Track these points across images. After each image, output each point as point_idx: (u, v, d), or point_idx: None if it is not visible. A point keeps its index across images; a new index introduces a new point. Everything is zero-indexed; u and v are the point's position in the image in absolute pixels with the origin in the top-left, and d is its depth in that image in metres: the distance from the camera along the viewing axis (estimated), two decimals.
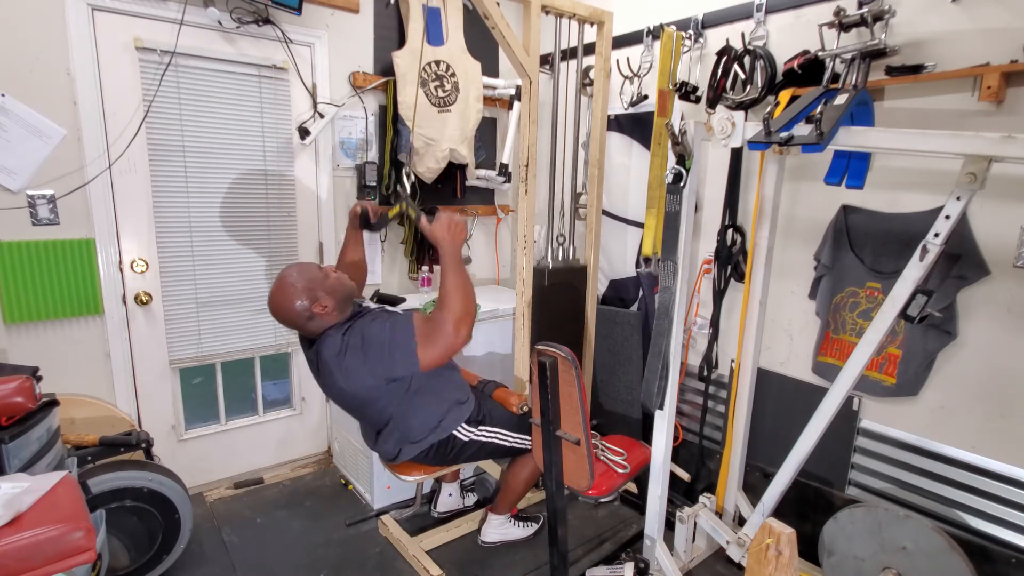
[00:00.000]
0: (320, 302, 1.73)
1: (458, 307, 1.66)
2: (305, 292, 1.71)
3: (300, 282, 1.72)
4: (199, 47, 2.24)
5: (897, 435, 1.91)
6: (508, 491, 2.20)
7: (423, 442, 1.91)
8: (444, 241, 1.72)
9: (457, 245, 1.74)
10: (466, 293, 1.69)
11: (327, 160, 2.63)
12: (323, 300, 1.73)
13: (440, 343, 1.66)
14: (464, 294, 1.69)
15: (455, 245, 1.73)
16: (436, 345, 1.66)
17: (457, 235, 1.74)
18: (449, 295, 1.68)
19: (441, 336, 1.65)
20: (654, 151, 2.14)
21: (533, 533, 2.31)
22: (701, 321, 2.41)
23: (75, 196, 2.08)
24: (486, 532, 2.26)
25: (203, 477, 2.58)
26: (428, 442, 1.92)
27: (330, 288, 1.75)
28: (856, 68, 1.71)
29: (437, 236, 1.73)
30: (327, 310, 1.74)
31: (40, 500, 1.24)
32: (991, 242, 1.66)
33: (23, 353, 2.07)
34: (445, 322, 1.65)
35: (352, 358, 1.70)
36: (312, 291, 1.72)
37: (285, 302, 1.72)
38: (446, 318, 1.65)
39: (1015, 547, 1.69)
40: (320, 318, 1.74)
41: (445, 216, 1.74)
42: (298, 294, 1.71)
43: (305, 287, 1.71)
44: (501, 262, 3.35)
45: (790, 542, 1.25)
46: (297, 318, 1.73)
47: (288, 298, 1.71)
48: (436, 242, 1.74)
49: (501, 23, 2.03)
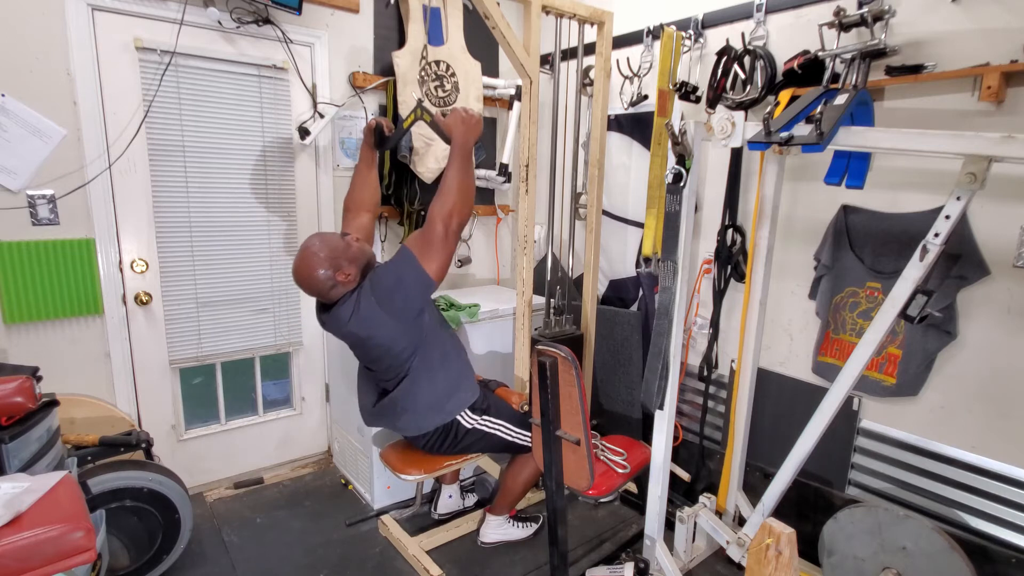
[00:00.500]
0: (343, 271, 1.77)
1: (451, 199, 1.71)
2: (328, 261, 1.75)
3: (323, 251, 1.76)
4: (199, 47, 2.24)
5: (897, 435, 1.91)
6: (507, 492, 2.20)
7: (427, 423, 1.93)
8: (457, 132, 1.78)
9: (469, 138, 1.79)
10: (464, 190, 1.74)
11: (327, 160, 2.63)
12: (346, 269, 1.77)
13: (435, 242, 1.71)
14: (461, 189, 1.73)
15: (467, 137, 1.78)
16: (433, 246, 1.72)
17: (471, 128, 1.79)
18: (446, 187, 1.73)
19: (434, 237, 1.71)
20: (654, 151, 2.14)
21: (533, 533, 2.31)
22: (701, 321, 2.41)
23: (75, 196, 2.08)
24: (485, 533, 2.26)
25: (203, 477, 2.58)
26: (432, 424, 1.93)
27: (352, 256, 1.79)
28: (856, 68, 1.71)
29: (451, 127, 1.79)
30: (350, 278, 1.78)
31: (40, 500, 1.24)
32: (991, 242, 1.66)
33: (23, 353, 2.06)
34: (435, 219, 1.71)
35: (367, 305, 1.76)
36: (335, 260, 1.76)
37: (310, 271, 1.75)
38: (436, 213, 1.71)
39: (1015, 547, 1.69)
40: (343, 286, 1.79)
41: (460, 109, 1.80)
42: (322, 263, 1.75)
43: (328, 256, 1.76)
44: (501, 262, 3.35)
45: (790, 542, 1.25)
46: (321, 286, 1.77)
47: (312, 267, 1.75)
48: (449, 133, 1.80)
49: (501, 23, 2.03)
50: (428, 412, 1.93)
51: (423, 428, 1.95)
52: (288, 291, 2.64)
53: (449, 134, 1.81)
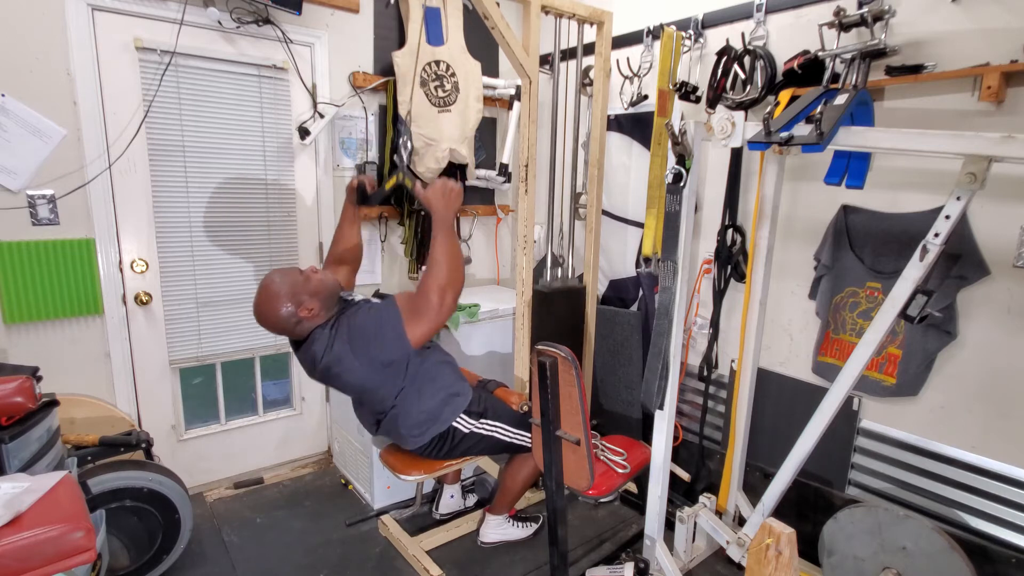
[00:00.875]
0: (305, 305, 1.72)
1: (443, 275, 1.68)
2: (289, 297, 1.70)
3: (283, 288, 1.71)
4: (199, 47, 2.25)
5: (897, 435, 1.91)
6: (506, 491, 2.20)
7: (423, 436, 1.92)
8: (438, 206, 1.74)
9: (451, 211, 1.76)
10: (453, 261, 1.70)
11: (327, 160, 2.63)
12: (308, 303, 1.72)
13: (426, 314, 1.67)
14: (451, 262, 1.70)
15: (449, 211, 1.75)
16: (422, 317, 1.68)
17: (451, 201, 1.76)
18: (436, 262, 1.70)
19: (426, 307, 1.67)
20: (654, 151, 2.14)
21: (533, 533, 2.31)
22: (701, 321, 2.41)
23: (75, 196, 2.08)
24: (485, 532, 2.26)
25: (203, 477, 2.58)
26: (429, 435, 1.92)
27: (313, 290, 1.74)
28: (856, 68, 1.71)
29: (431, 200, 1.75)
30: (313, 312, 1.74)
31: (40, 500, 1.24)
32: (991, 242, 1.66)
33: (23, 353, 2.07)
34: (429, 291, 1.67)
35: (340, 349, 1.71)
36: (296, 295, 1.71)
37: (271, 310, 1.71)
38: (430, 287, 1.67)
39: (1015, 547, 1.69)
40: (308, 320, 1.75)
41: (440, 182, 1.76)
42: (282, 300, 1.70)
43: (288, 292, 1.71)
44: (501, 262, 3.35)
45: (790, 542, 1.25)
46: (285, 324, 1.73)
47: (273, 306, 1.70)
48: (430, 207, 1.76)
49: (501, 23, 2.03)
50: (422, 425, 1.92)
51: (420, 441, 1.94)
52: None
53: (429, 208, 1.77)
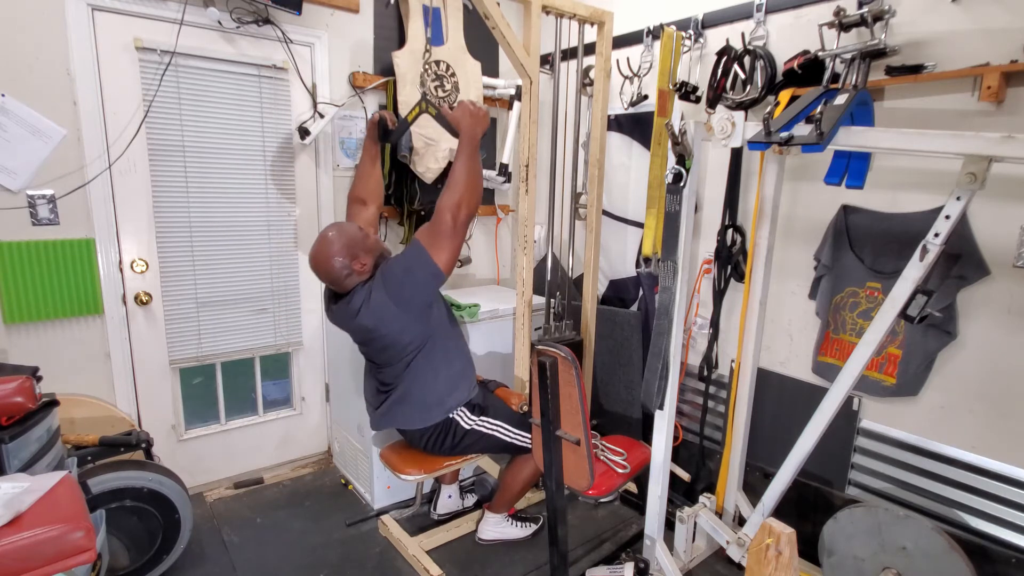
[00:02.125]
0: (359, 260, 1.81)
1: (459, 190, 1.73)
2: (346, 250, 1.80)
3: (342, 240, 1.80)
4: (199, 47, 2.24)
5: (897, 435, 1.91)
6: (506, 490, 2.20)
7: (426, 416, 1.93)
8: (466, 124, 1.80)
9: (477, 131, 1.82)
10: (472, 182, 1.76)
11: (327, 160, 2.63)
12: (362, 258, 1.82)
13: (444, 236, 1.74)
14: (469, 181, 1.75)
15: (475, 130, 1.80)
16: (442, 240, 1.74)
17: (478, 121, 1.82)
18: (454, 179, 1.75)
19: (442, 229, 1.73)
20: (654, 151, 2.14)
21: (531, 533, 2.31)
22: (701, 321, 2.41)
23: (75, 196, 2.08)
24: (483, 530, 2.27)
25: (203, 477, 2.58)
26: (431, 419, 1.93)
27: (369, 247, 1.84)
28: (856, 68, 1.71)
29: (460, 120, 1.81)
30: (365, 268, 1.82)
31: (40, 500, 1.24)
32: (991, 242, 1.66)
33: (23, 353, 2.06)
34: (443, 210, 1.73)
35: (378, 296, 1.78)
36: (353, 249, 1.81)
37: (328, 258, 1.79)
38: (444, 204, 1.73)
39: (1015, 547, 1.69)
40: (358, 275, 1.82)
41: (468, 102, 1.83)
42: (340, 251, 1.79)
43: (346, 245, 1.80)
44: (501, 262, 3.35)
45: (790, 542, 1.25)
46: (337, 274, 1.81)
47: (330, 255, 1.79)
48: (458, 126, 1.82)
49: (501, 23, 2.03)
50: (427, 406, 1.94)
51: (422, 423, 1.96)
52: (288, 291, 2.64)
53: (456, 127, 1.83)
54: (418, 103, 2.00)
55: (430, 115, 1.98)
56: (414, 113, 2.02)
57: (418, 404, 1.94)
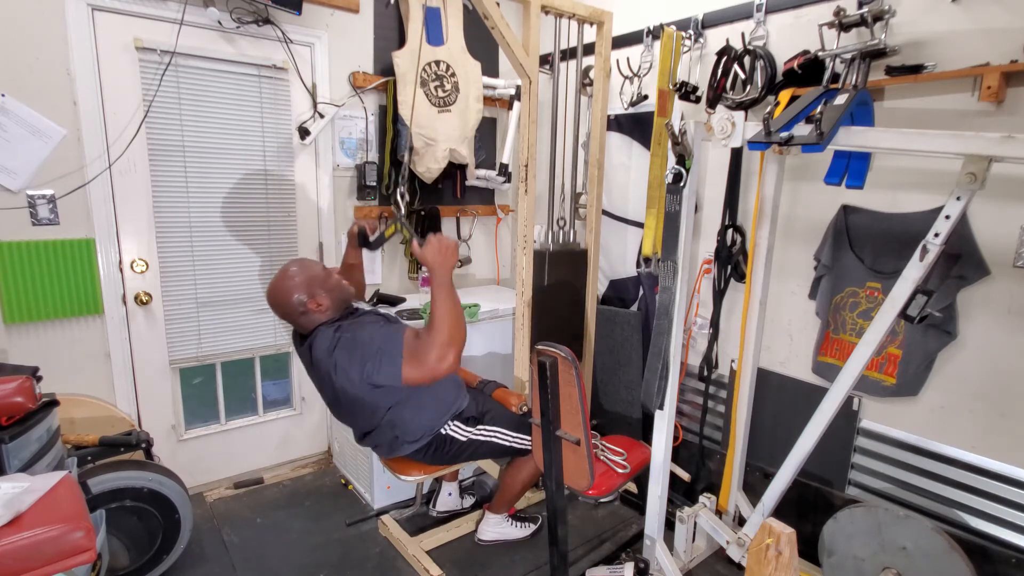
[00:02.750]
0: (316, 299, 1.77)
1: (445, 333, 1.64)
2: (304, 286, 1.76)
3: (301, 276, 1.77)
4: (199, 47, 2.24)
5: (897, 435, 1.91)
6: (506, 491, 2.20)
7: (418, 441, 1.92)
8: (435, 264, 1.71)
9: (447, 268, 1.72)
10: (455, 319, 1.67)
11: (327, 160, 2.63)
12: (320, 298, 1.77)
13: (425, 366, 1.64)
14: (453, 320, 1.66)
15: (445, 268, 1.71)
16: (421, 366, 1.64)
17: (448, 258, 1.72)
18: (438, 320, 1.66)
19: (426, 360, 1.63)
20: (654, 151, 2.14)
21: (531, 534, 2.31)
22: (701, 321, 2.41)
23: (75, 196, 2.08)
24: (483, 530, 2.27)
25: (203, 477, 2.58)
26: (424, 441, 1.92)
27: (330, 287, 1.80)
28: (856, 68, 1.71)
29: (428, 259, 1.71)
30: (322, 308, 1.78)
31: (40, 500, 1.24)
32: (991, 242, 1.66)
33: (23, 353, 2.06)
34: (432, 346, 1.63)
35: (341, 354, 1.71)
36: (311, 287, 1.77)
37: (284, 293, 1.76)
38: (433, 342, 1.64)
39: (1015, 547, 1.69)
40: (314, 314, 1.78)
41: (435, 239, 1.72)
42: (297, 288, 1.75)
43: (305, 281, 1.76)
44: (501, 262, 3.35)
45: (790, 542, 1.25)
46: (292, 311, 1.78)
47: (287, 290, 1.76)
48: (427, 265, 1.73)
49: (501, 23, 2.03)
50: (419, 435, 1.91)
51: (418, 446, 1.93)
52: None
53: (425, 264, 1.74)
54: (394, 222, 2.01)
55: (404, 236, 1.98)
56: (392, 230, 2.04)
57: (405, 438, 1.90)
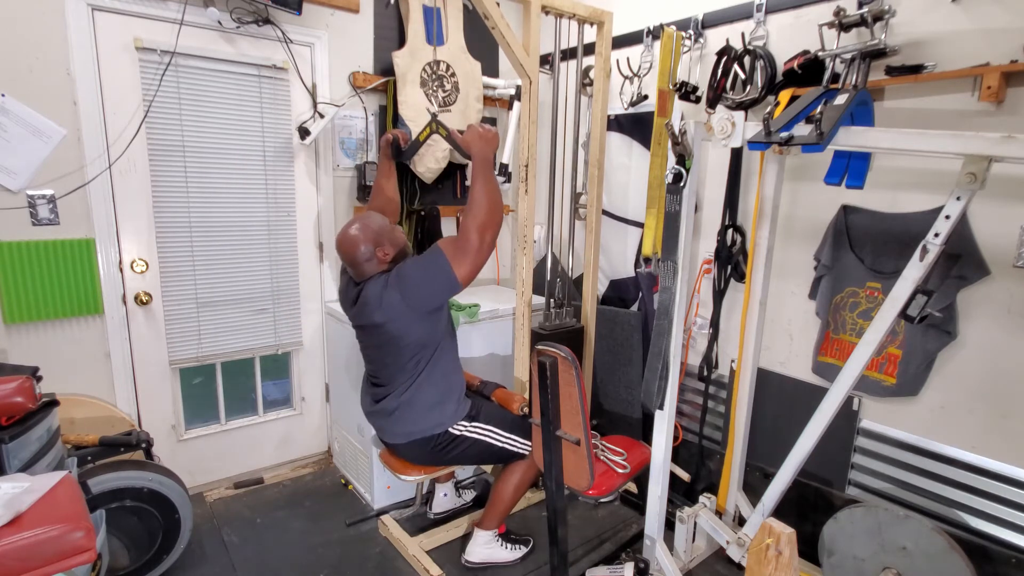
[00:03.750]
0: (383, 248, 1.87)
1: (482, 213, 1.74)
2: (375, 236, 1.86)
3: (374, 226, 1.88)
4: (199, 47, 2.24)
5: (897, 435, 1.91)
6: (497, 501, 2.12)
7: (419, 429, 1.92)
8: (477, 146, 1.82)
9: (488, 152, 1.83)
10: (492, 200, 1.77)
11: (327, 160, 2.63)
12: (386, 248, 1.88)
13: (469, 253, 1.74)
14: (490, 201, 1.76)
15: (486, 151, 1.82)
16: (466, 256, 1.74)
17: (489, 141, 1.83)
18: (475, 202, 1.76)
19: (467, 246, 1.74)
20: (654, 151, 2.14)
21: (520, 558, 2.21)
22: (701, 321, 2.41)
23: (75, 196, 2.08)
24: (471, 550, 2.16)
25: (203, 477, 2.58)
26: (422, 432, 1.93)
27: (396, 240, 1.92)
28: (856, 68, 1.71)
29: (470, 142, 1.83)
30: (387, 257, 1.88)
31: (40, 500, 1.24)
32: (991, 242, 1.66)
33: (23, 353, 2.06)
34: (469, 230, 1.74)
35: (392, 294, 1.80)
36: (380, 237, 1.87)
37: (356, 240, 1.85)
38: (470, 225, 1.74)
39: (1015, 547, 1.69)
40: (377, 263, 1.87)
41: (476, 124, 1.86)
42: (370, 237, 1.85)
43: (376, 232, 1.87)
44: (501, 262, 3.35)
45: (790, 542, 1.25)
46: (360, 257, 1.86)
47: (360, 239, 1.85)
48: (468, 149, 1.84)
49: (501, 23, 2.03)
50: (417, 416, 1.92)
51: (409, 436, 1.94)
52: (288, 291, 2.64)
53: (467, 149, 1.85)
54: (428, 123, 2.05)
55: (440, 135, 2.01)
56: (426, 132, 2.08)
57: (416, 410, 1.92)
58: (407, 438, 1.95)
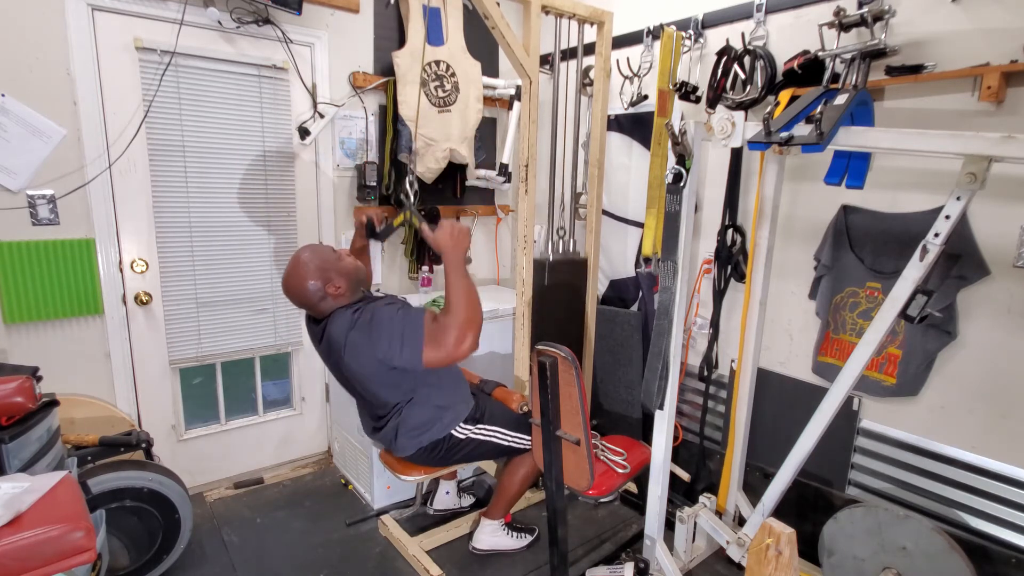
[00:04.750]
0: (333, 283, 1.76)
1: (463, 315, 1.66)
2: (319, 272, 1.75)
3: (314, 262, 1.76)
4: (199, 47, 2.24)
5: (897, 435, 1.91)
6: (503, 492, 2.17)
7: (421, 438, 1.92)
8: (448, 248, 1.72)
9: (460, 252, 1.73)
10: (471, 301, 1.68)
11: (327, 160, 2.63)
12: (336, 281, 1.76)
13: (444, 348, 1.65)
14: (470, 302, 1.68)
15: (458, 252, 1.73)
16: (441, 348, 1.65)
17: (460, 242, 1.73)
18: (454, 303, 1.67)
19: (446, 342, 1.64)
20: (654, 151, 2.14)
21: (526, 545, 2.25)
22: (701, 321, 2.41)
23: (75, 196, 2.08)
24: (478, 538, 2.22)
25: (203, 477, 2.58)
26: (426, 439, 1.92)
27: (344, 270, 1.79)
28: (856, 68, 1.71)
29: (441, 244, 1.72)
30: (340, 291, 1.77)
31: (40, 500, 1.24)
32: (991, 242, 1.66)
33: (23, 353, 2.07)
34: (451, 328, 1.65)
35: (359, 335, 1.72)
36: (326, 272, 1.76)
37: (299, 281, 1.75)
38: (451, 324, 1.65)
39: (1015, 547, 1.69)
40: (332, 299, 1.78)
41: (448, 224, 1.74)
42: (312, 274, 1.74)
43: (319, 267, 1.75)
44: (501, 262, 3.35)
45: (790, 542, 1.25)
46: (310, 297, 1.77)
47: (302, 278, 1.75)
48: (440, 250, 1.73)
49: (501, 23, 2.03)
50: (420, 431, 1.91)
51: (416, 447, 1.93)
52: None
53: (438, 249, 1.75)
54: (403, 211, 2.02)
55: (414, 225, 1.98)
56: (400, 219, 2.04)
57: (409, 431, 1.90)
58: (415, 448, 1.94)
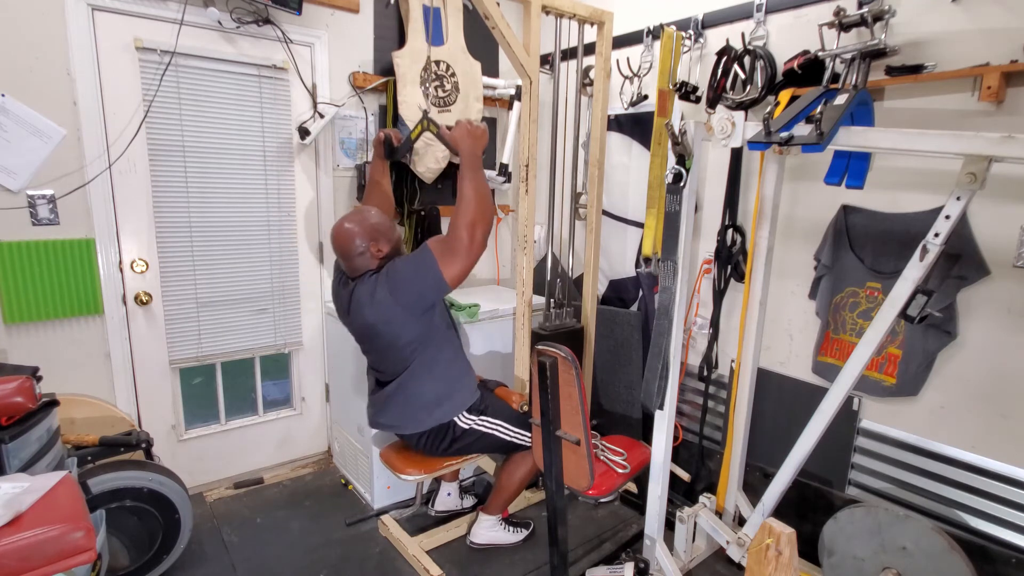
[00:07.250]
0: (378, 244, 1.86)
1: (471, 212, 1.73)
2: (371, 231, 1.85)
3: (373, 220, 1.87)
4: (199, 47, 2.24)
5: (897, 435, 1.91)
6: (501, 490, 2.19)
7: (426, 419, 1.93)
8: (465, 144, 1.81)
9: (477, 149, 1.82)
10: (481, 198, 1.75)
11: (327, 160, 2.63)
12: (381, 244, 1.87)
13: (459, 252, 1.73)
14: (479, 199, 1.75)
15: (474, 148, 1.82)
16: (456, 255, 1.73)
17: (477, 140, 1.83)
18: (464, 200, 1.75)
19: (458, 245, 1.73)
20: (654, 151, 2.14)
21: (522, 539, 2.29)
22: (701, 321, 2.41)
23: (75, 196, 2.08)
24: (475, 532, 2.25)
25: (203, 477, 2.58)
26: (431, 422, 1.94)
27: (392, 238, 1.91)
28: (856, 68, 1.71)
29: (458, 140, 1.83)
30: (380, 254, 1.87)
31: (40, 500, 1.24)
32: (991, 242, 1.66)
33: (23, 353, 2.06)
34: (459, 228, 1.73)
35: (382, 292, 1.79)
36: (376, 232, 1.86)
37: (352, 233, 1.84)
38: (459, 224, 1.73)
39: (1015, 547, 1.69)
40: (370, 258, 1.86)
41: (464, 121, 1.84)
42: (368, 231, 1.85)
43: (373, 227, 1.86)
44: (501, 262, 3.35)
45: (790, 542, 1.25)
46: (353, 250, 1.85)
47: (356, 232, 1.84)
48: (457, 147, 1.84)
49: (501, 23, 2.03)
50: (425, 409, 1.94)
51: (419, 427, 1.96)
52: (288, 291, 2.64)
53: (456, 147, 1.84)
54: (420, 121, 2.05)
55: (431, 132, 2.02)
56: (417, 131, 2.09)
57: (416, 404, 1.94)
58: (413, 429, 1.96)
